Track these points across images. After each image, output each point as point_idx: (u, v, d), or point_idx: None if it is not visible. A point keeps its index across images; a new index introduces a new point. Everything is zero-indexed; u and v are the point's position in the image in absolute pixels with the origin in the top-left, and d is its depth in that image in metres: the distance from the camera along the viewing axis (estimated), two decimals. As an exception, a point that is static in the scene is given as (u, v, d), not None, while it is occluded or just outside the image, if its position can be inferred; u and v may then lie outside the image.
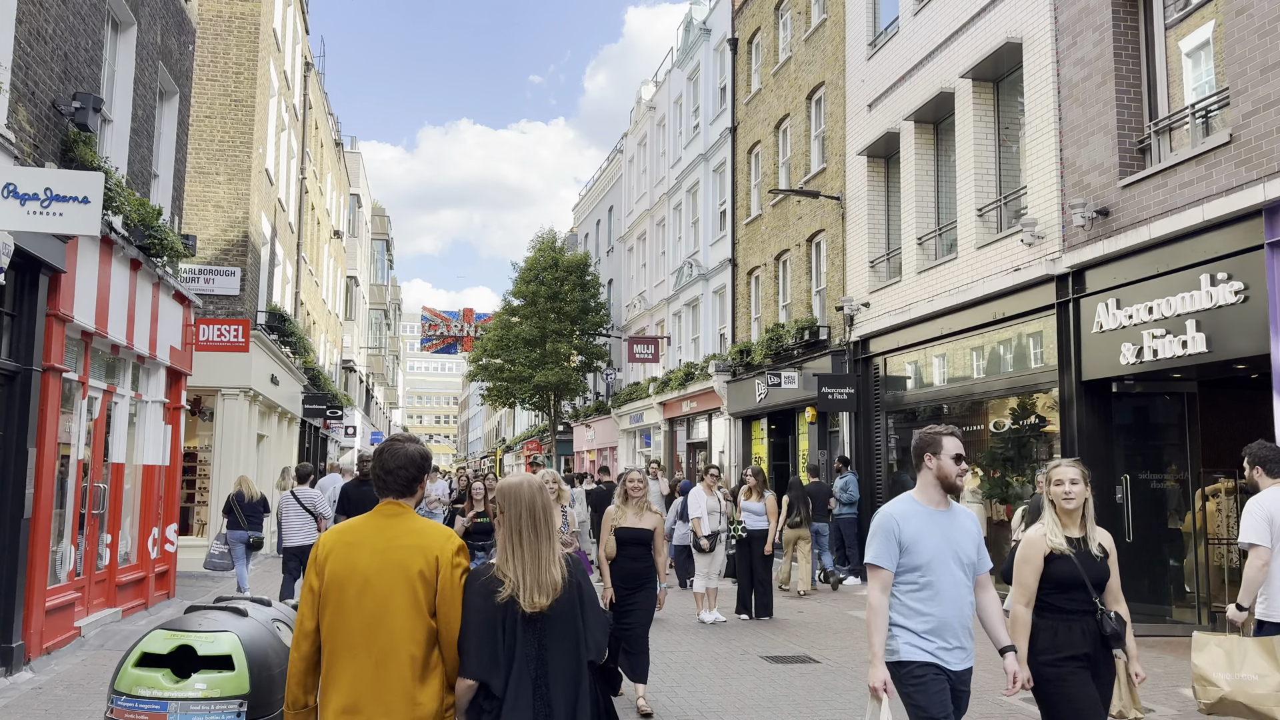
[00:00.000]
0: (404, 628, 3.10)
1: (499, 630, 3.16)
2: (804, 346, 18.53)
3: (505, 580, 3.21)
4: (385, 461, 3.31)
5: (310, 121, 26.81)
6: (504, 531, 3.33)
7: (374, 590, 3.12)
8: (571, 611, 3.27)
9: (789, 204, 20.03)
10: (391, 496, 3.31)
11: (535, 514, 3.33)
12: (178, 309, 12.48)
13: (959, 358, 14.31)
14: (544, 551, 3.28)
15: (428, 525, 3.31)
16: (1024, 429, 13.08)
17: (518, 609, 3.19)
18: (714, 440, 24.90)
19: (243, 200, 17.16)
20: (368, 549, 3.17)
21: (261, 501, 12.72)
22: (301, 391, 25.11)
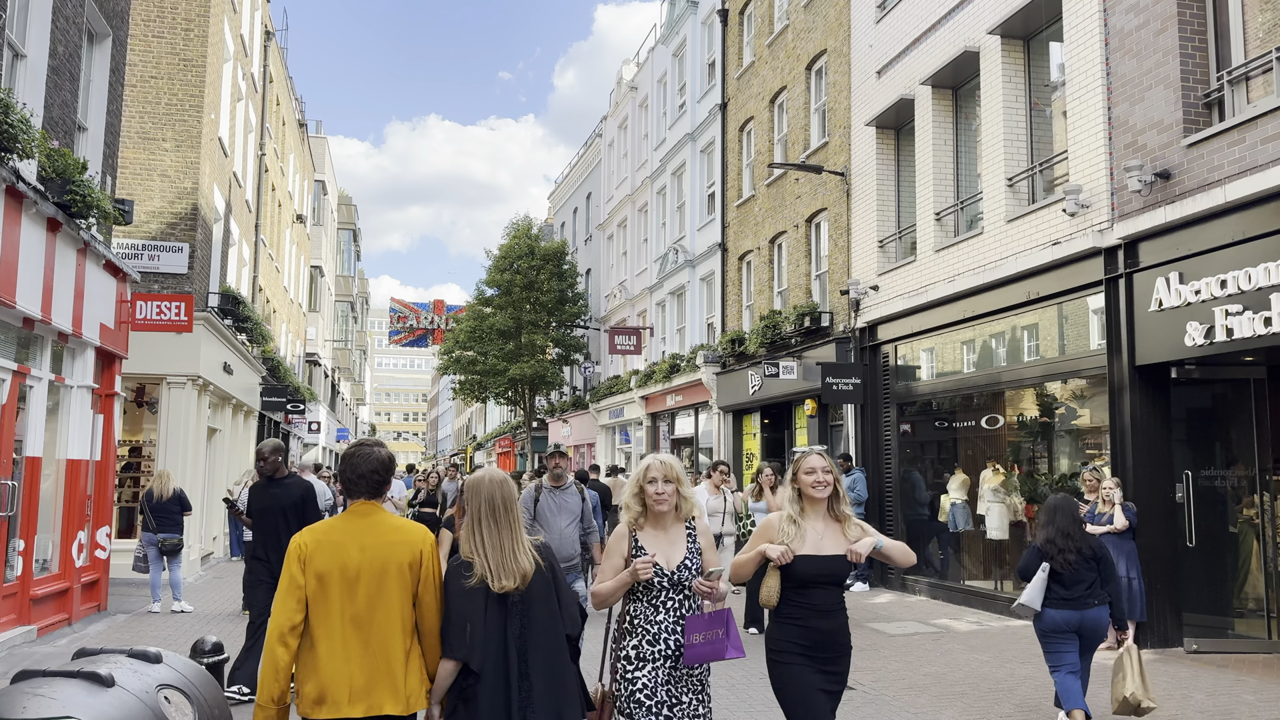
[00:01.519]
0: (393, 619, 3.36)
1: (479, 614, 3.42)
2: (803, 334, 17.24)
3: (474, 566, 3.47)
4: (357, 465, 3.53)
5: (271, 96, 25.15)
6: (467, 521, 3.60)
7: (365, 584, 3.35)
8: (548, 592, 3.57)
9: (786, 183, 18.75)
10: (364, 498, 3.54)
11: (495, 505, 3.58)
12: (109, 282, 10.93)
13: (984, 343, 13.07)
14: (506, 540, 3.53)
15: (405, 522, 3.57)
16: (1060, 420, 11.86)
17: (493, 593, 3.45)
18: (700, 436, 23.59)
19: (192, 169, 15.57)
20: (355, 546, 3.39)
21: (177, 499, 11.29)
22: (259, 383, 23.47)
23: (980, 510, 13.14)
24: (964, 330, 13.30)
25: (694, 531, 4.09)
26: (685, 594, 3.99)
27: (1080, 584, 6.31)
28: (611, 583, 3.95)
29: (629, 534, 4.03)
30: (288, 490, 7.49)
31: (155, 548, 11.30)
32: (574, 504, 7.62)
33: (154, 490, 11.33)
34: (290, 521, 7.16)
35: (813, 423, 17.28)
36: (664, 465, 4.04)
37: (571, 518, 7.54)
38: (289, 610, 3.32)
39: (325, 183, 45.91)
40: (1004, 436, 13.11)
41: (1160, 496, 9.85)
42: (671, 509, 4.03)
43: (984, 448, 13.36)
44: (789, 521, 4.24)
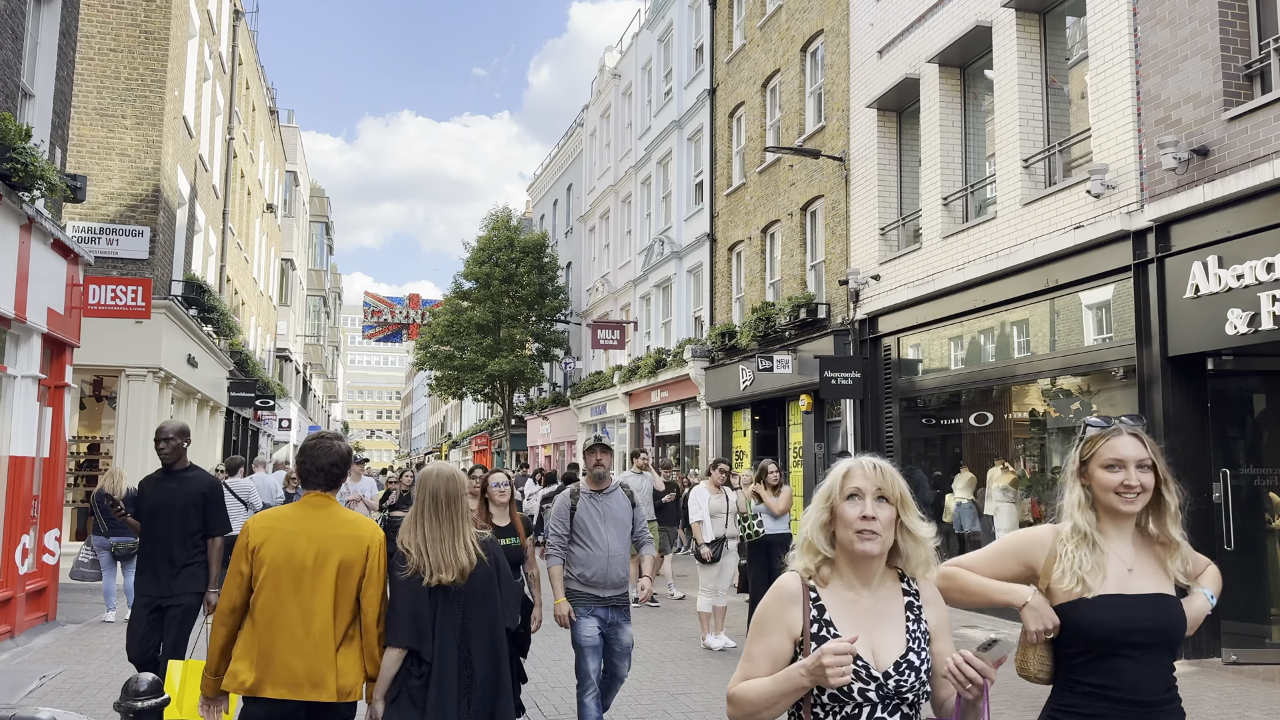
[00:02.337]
0: (336, 610, 3.50)
1: (422, 604, 3.54)
2: (798, 327, 16.55)
3: (409, 556, 3.59)
4: (316, 458, 3.66)
5: (240, 79, 24.14)
6: (411, 513, 3.73)
7: (312, 575, 3.49)
8: (490, 585, 3.68)
9: (779, 170, 18.05)
10: (320, 489, 3.67)
11: (439, 500, 3.67)
12: (59, 263, 10.02)
13: (995, 334, 12.43)
14: (446, 534, 3.62)
15: (356, 516, 3.71)
16: (1075, 415, 11.23)
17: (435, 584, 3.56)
18: (687, 433, 22.87)
19: (154, 148, 14.63)
20: (304, 536, 3.53)
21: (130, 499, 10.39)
22: (227, 377, 22.49)
23: (988, 510, 12.50)
24: (974, 321, 12.65)
25: (916, 599, 2.34)
26: (907, 712, 2.21)
27: None
28: (767, 684, 2.16)
29: (803, 592, 2.26)
30: (186, 485, 6.00)
31: (108, 552, 10.41)
32: (622, 511, 5.88)
33: (106, 489, 10.42)
34: (189, 524, 5.89)
35: (808, 419, 16.60)
36: (877, 473, 2.29)
37: (620, 529, 5.84)
38: (230, 595, 3.49)
39: (297, 173, 44.80)
40: (1013, 433, 12.49)
41: (1196, 497, 9.21)
42: (882, 553, 2.27)
43: (992, 445, 12.73)
44: (1080, 542, 2.55)
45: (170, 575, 5.90)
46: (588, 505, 5.81)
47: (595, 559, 5.71)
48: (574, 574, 5.75)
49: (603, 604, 5.75)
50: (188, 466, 6.27)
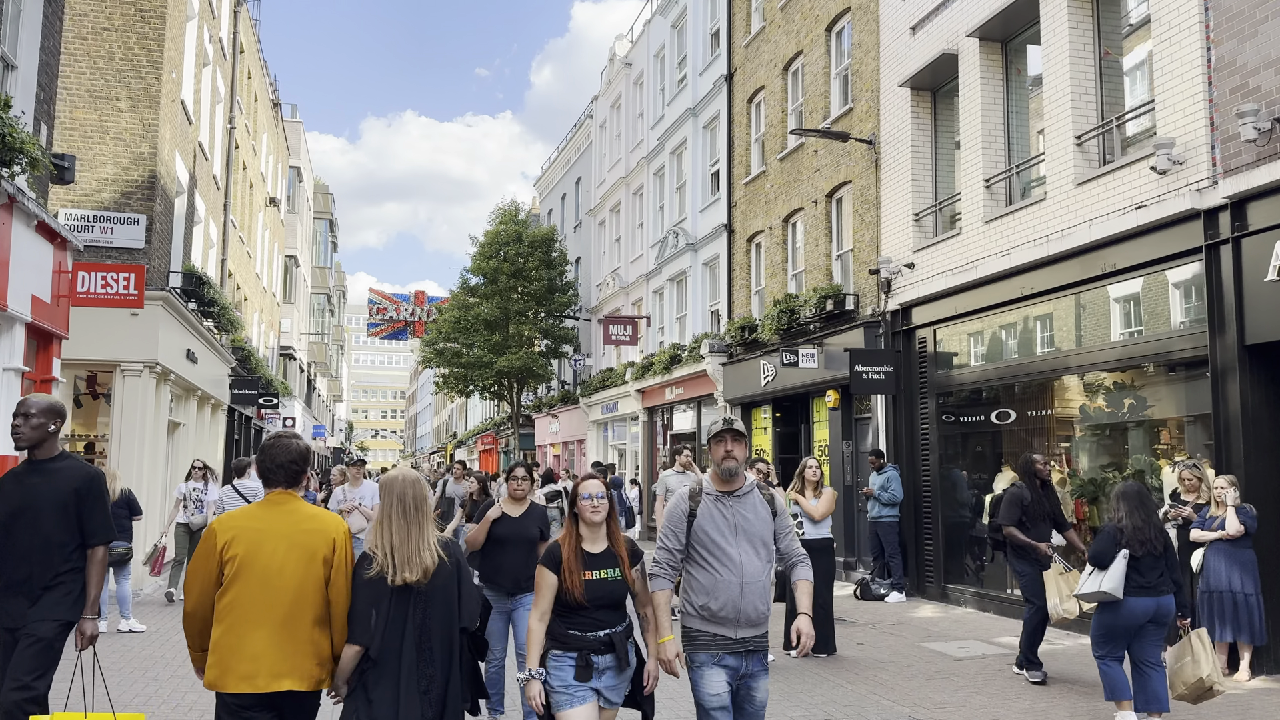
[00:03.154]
0: (306, 602, 3.62)
1: (383, 603, 3.66)
2: (824, 319, 15.81)
3: (375, 558, 3.71)
4: (275, 456, 3.77)
5: (242, 68, 23.44)
6: (378, 516, 3.83)
7: (283, 570, 3.61)
8: (449, 586, 3.79)
9: (802, 156, 17.30)
10: (281, 487, 3.79)
11: (406, 503, 3.78)
12: (44, 248, 9.31)
13: (1043, 323, 11.68)
14: (413, 535, 3.74)
15: (320, 512, 3.83)
16: (1130, 409, 10.48)
17: (396, 584, 3.67)
18: (703, 431, 22.10)
19: (150, 132, 13.91)
20: (273, 534, 3.65)
21: (125, 503, 9.72)
22: (228, 374, 21.79)
23: (1033, 511, 11.75)
24: (1019, 310, 11.90)
25: None
26: None
27: (1154, 571, 6.35)
28: None
29: None
30: (55, 480, 4.69)
31: (100, 559, 9.69)
32: (760, 521, 4.35)
33: (98, 492, 9.71)
34: (56, 531, 4.65)
35: (835, 415, 15.86)
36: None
37: (759, 545, 4.33)
38: (194, 594, 3.62)
39: (300, 169, 44.15)
40: (1056, 429, 11.75)
41: (1276, 497, 8.48)
42: None
43: (1036, 442, 11.99)
44: None
45: (29, 597, 4.63)
46: (713, 511, 4.33)
47: (724, 585, 4.22)
48: (693, 606, 4.33)
49: (733, 648, 4.27)
50: (57, 455, 4.82)
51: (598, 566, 4.21)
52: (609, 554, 4.28)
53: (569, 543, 4.25)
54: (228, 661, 3.54)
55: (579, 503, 4.28)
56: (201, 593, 3.63)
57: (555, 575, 4.18)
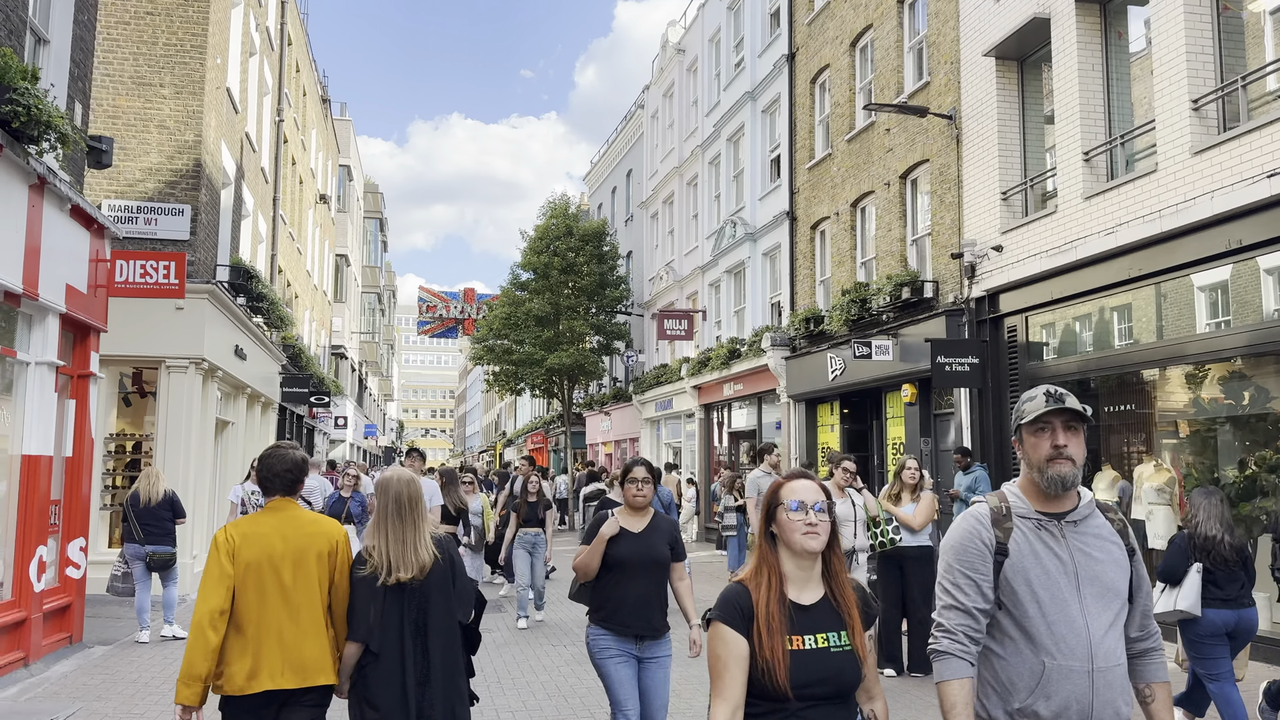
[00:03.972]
0: (313, 601, 3.77)
1: (379, 600, 3.77)
2: (899, 309, 14.85)
3: (370, 558, 3.83)
4: (272, 466, 3.92)
5: (290, 60, 23.04)
6: (375, 515, 3.96)
7: (289, 572, 3.74)
8: (445, 582, 3.90)
9: (872, 136, 16.35)
10: (279, 495, 3.92)
11: (401, 503, 3.91)
12: (80, 235, 8.75)
13: (1153, 308, 10.65)
14: (409, 534, 3.87)
15: (319, 517, 4.01)
16: (1251, 402, 9.43)
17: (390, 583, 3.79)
18: (764, 429, 21.24)
19: (194, 120, 13.41)
20: (278, 537, 3.78)
21: (168, 503, 9.14)
22: (279, 372, 21.38)
23: (1137, 514, 10.74)
24: (1123, 293, 10.88)
25: None
26: None
27: (1234, 582, 5.95)
28: None
29: None
30: None
31: (142, 562, 9.16)
32: (1113, 566, 2.64)
33: (140, 493, 9.18)
34: None
35: (911, 411, 14.89)
36: None
37: (1116, 605, 2.62)
38: (218, 598, 3.67)
39: (351, 168, 43.98)
40: (1160, 424, 10.73)
41: None
42: None
43: (1141, 439, 10.97)
44: None
45: None
46: (1035, 547, 2.62)
47: (1063, 675, 2.53)
48: (1009, 709, 2.58)
49: None
50: None
51: (813, 629, 2.58)
52: (828, 608, 2.63)
53: (766, 585, 2.58)
54: (243, 663, 3.65)
55: (780, 517, 2.64)
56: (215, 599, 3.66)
57: (746, 641, 2.52)
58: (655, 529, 4.92)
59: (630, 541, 4.83)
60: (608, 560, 4.79)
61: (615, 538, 4.81)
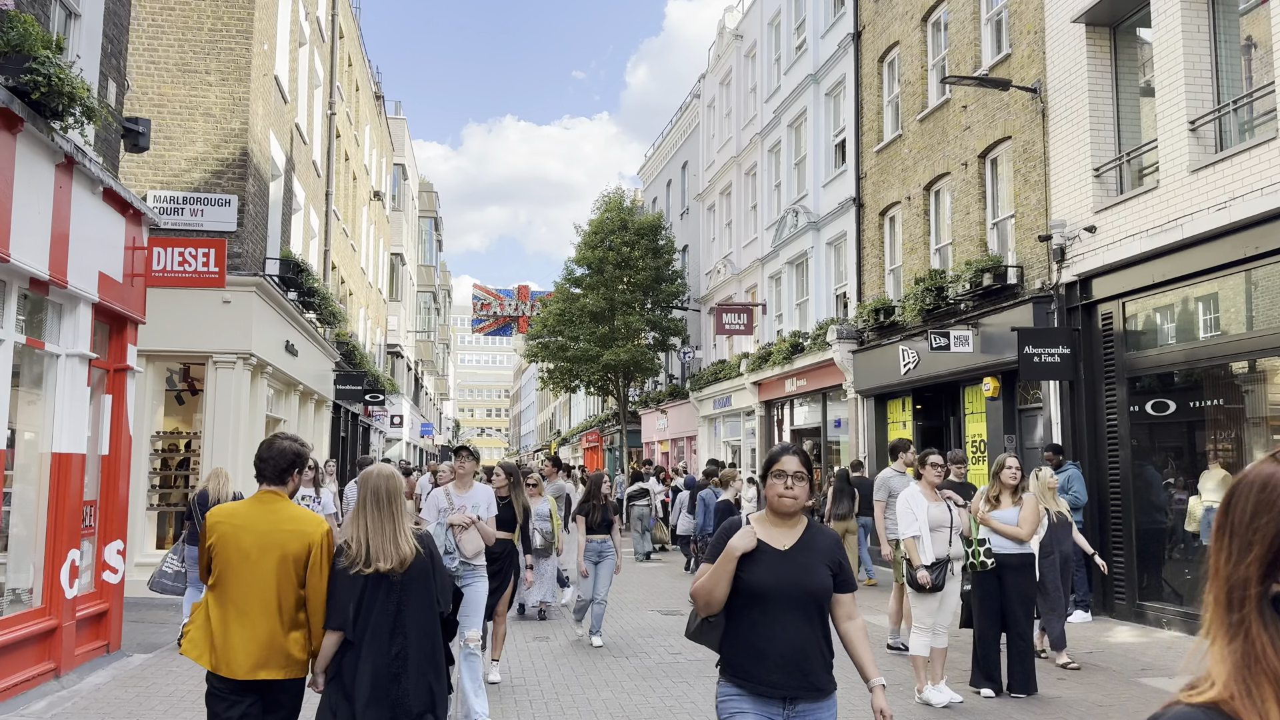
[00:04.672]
0: (283, 597, 3.79)
1: (357, 591, 3.81)
2: (979, 297, 13.91)
3: (348, 549, 3.86)
4: (261, 452, 4.00)
5: (341, 54, 22.72)
6: (354, 508, 4.00)
7: (255, 564, 3.78)
8: (425, 574, 3.94)
9: (947, 114, 15.40)
10: (268, 485, 3.96)
11: (379, 496, 3.93)
12: (114, 220, 8.28)
13: (1272, 290, 9.62)
14: (386, 526, 3.89)
15: (303, 512, 3.98)
16: None
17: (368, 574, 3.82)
18: (828, 426, 20.36)
19: (240, 107, 13.00)
20: (250, 531, 3.83)
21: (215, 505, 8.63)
22: (333, 369, 21.05)
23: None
24: (1237, 274, 9.87)
25: None
26: None
27: None
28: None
29: None
30: None
31: (200, 564, 8.69)
32: None
33: (209, 492, 8.67)
34: None
35: (993, 406, 13.93)
36: None
37: None
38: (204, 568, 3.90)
39: (405, 166, 43.86)
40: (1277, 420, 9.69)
41: None
42: None
43: (1253, 434, 9.95)
44: None
45: None
46: None
47: None
48: None
49: None
50: None
51: None
52: None
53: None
54: (216, 647, 3.75)
55: None
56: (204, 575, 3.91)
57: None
58: (811, 546, 3.42)
59: (774, 563, 3.37)
60: (741, 588, 3.36)
61: (750, 556, 3.36)
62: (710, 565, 3.42)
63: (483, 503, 6.71)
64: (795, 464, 3.42)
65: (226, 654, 3.72)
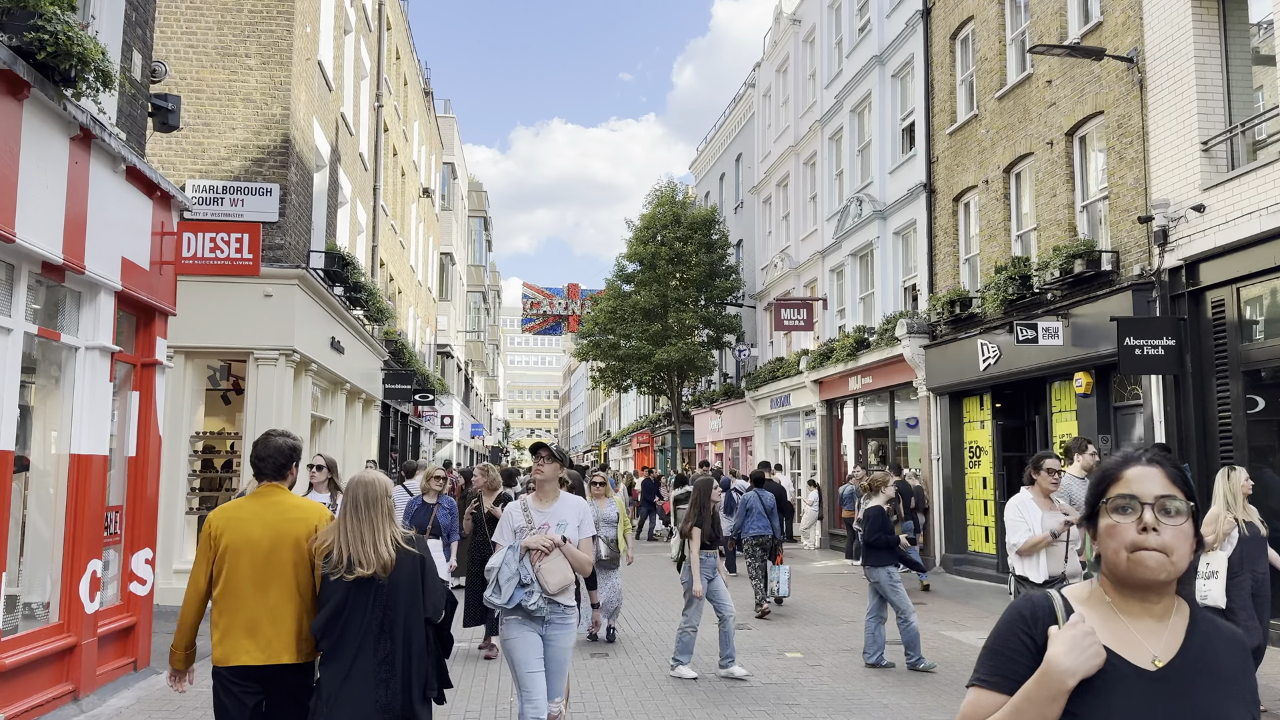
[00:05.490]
0: (289, 584, 3.92)
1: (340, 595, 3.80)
2: (1069, 285, 12.85)
3: (331, 553, 3.87)
4: (258, 450, 4.13)
5: (389, 45, 22.20)
6: (338, 513, 3.98)
7: (265, 555, 3.91)
8: (413, 580, 3.91)
9: (1030, 90, 14.33)
10: (268, 480, 4.11)
11: (359, 502, 3.90)
12: (140, 203, 7.66)
13: None
14: (366, 531, 3.87)
15: (305, 502, 4.16)
16: None
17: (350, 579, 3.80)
18: (896, 426, 19.32)
19: (281, 92, 12.41)
20: (257, 522, 3.97)
21: None
22: (381, 368, 20.52)
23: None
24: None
25: None
26: None
27: None
28: None
29: None
30: None
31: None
32: None
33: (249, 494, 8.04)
34: None
35: (1085, 404, 12.85)
36: None
37: None
38: (200, 578, 3.98)
39: (455, 166, 43.49)
40: None
41: None
42: None
43: None
44: None
45: None
46: None
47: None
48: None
49: None
50: None
51: None
52: None
53: None
54: (224, 637, 3.85)
55: None
56: (197, 579, 3.98)
57: None
58: (1206, 660, 1.77)
59: (1139, 697, 1.73)
60: None
61: (1091, 684, 1.71)
62: (991, 697, 1.78)
63: (571, 520, 5.10)
64: (1162, 482, 1.79)
65: (239, 643, 3.84)
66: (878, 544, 8.73)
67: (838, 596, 13.65)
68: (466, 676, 8.18)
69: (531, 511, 5.11)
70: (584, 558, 5.02)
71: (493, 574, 4.93)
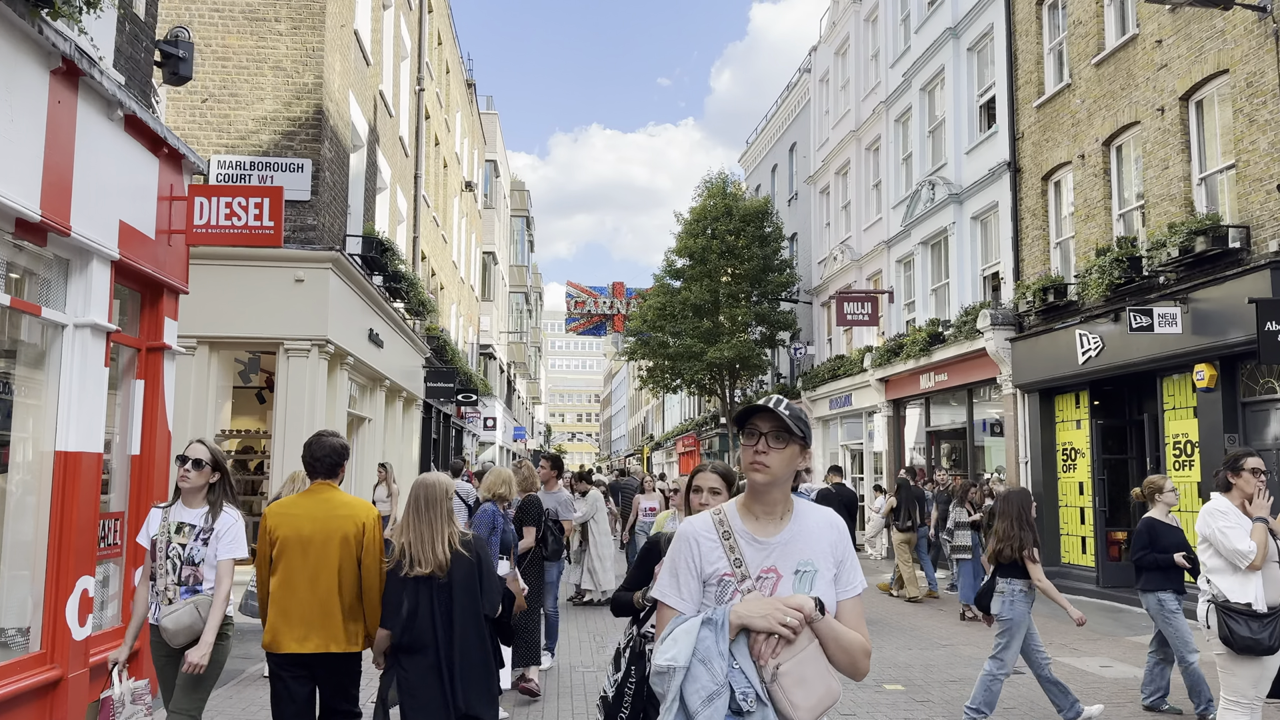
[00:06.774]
0: (341, 577, 4.22)
1: (406, 592, 4.07)
2: (1186, 266, 11.42)
3: (394, 550, 4.17)
4: (314, 450, 4.42)
5: (431, 29, 21.23)
6: (403, 513, 4.26)
7: (316, 549, 4.21)
8: (472, 577, 4.14)
9: (1134, 53, 12.90)
10: (321, 478, 4.41)
11: (419, 504, 4.17)
12: (143, 159, 6.60)
13: None
14: (425, 532, 4.12)
15: (354, 500, 4.42)
16: None
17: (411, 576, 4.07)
18: (975, 428, 17.87)
19: (314, 59, 11.39)
20: (308, 518, 4.25)
21: None
22: (423, 365, 19.50)
23: None
24: None
25: None
26: None
27: None
28: None
29: None
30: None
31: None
32: None
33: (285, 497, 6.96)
34: None
35: (1207, 400, 11.39)
36: None
37: None
38: (261, 568, 4.31)
39: (497, 163, 42.61)
40: None
41: None
42: None
43: None
44: None
45: None
46: None
47: None
48: None
49: None
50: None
51: None
52: None
53: None
54: (276, 627, 4.18)
55: None
56: (262, 571, 4.32)
57: None
58: None
59: None
60: None
61: None
62: None
63: (824, 560, 2.42)
64: None
65: (290, 630, 4.15)
66: (1145, 563, 7.10)
67: (921, 613, 12.32)
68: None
69: (740, 541, 2.40)
70: (856, 644, 2.32)
71: (665, 679, 2.23)
